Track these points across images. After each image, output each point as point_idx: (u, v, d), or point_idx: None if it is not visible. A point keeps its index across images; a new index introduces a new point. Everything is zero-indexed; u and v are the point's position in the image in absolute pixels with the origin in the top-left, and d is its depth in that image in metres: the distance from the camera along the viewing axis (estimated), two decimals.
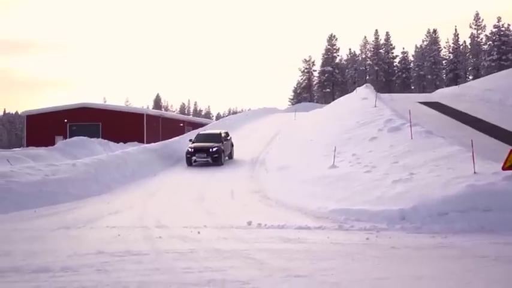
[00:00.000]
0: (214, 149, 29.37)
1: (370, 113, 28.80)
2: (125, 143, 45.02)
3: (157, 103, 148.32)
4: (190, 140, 31.49)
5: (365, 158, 19.88)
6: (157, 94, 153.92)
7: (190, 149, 29.76)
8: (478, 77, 70.17)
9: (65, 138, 48.20)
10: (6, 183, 18.10)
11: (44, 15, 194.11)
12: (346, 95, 49.28)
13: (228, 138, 31.98)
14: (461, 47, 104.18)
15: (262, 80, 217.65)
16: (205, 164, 28.96)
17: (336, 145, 22.28)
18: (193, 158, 29.26)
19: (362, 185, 16.11)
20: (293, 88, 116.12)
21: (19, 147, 55.99)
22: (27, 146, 52.01)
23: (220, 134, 31.41)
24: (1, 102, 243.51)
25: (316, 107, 59.59)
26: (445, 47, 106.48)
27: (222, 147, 29.88)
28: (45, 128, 57.48)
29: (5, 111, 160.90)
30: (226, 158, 30.64)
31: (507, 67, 58.46)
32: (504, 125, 25.31)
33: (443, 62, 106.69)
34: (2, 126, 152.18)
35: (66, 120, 58.14)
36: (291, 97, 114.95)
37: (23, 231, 12.75)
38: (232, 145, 32.36)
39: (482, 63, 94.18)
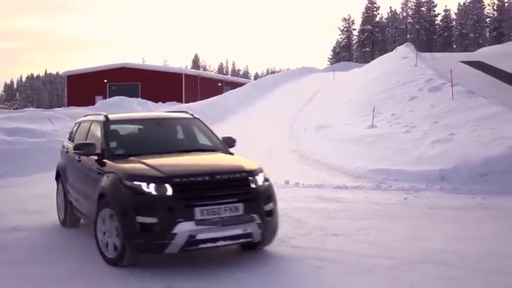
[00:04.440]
0: None
1: (410, 73, 28.35)
2: (163, 102, 45.23)
3: (195, 63, 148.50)
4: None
5: (404, 118, 19.65)
6: (196, 54, 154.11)
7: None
8: None
9: (105, 98, 48.59)
10: (49, 142, 18.43)
11: None
12: (386, 54, 48.48)
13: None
14: (506, 4, 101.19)
15: (301, 40, 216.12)
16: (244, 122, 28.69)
17: (375, 105, 22.04)
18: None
19: (401, 145, 15.96)
20: (332, 47, 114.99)
21: (60, 107, 56.83)
22: (68, 105, 52.75)
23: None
24: (42, 63, 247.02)
25: (355, 67, 58.82)
26: (489, 5, 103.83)
27: None
28: (85, 88, 58.16)
29: (46, 71, 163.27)
30: None
31: None
32: None
33: (487, 20, 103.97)
34: (43, 87, 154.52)
35: (105, 80, 58.71)
36: (330, 56, 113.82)
37: None
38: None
39: None
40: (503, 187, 11.65)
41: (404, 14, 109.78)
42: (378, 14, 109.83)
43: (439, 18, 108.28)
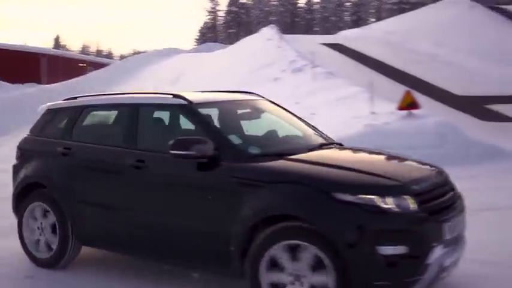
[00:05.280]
0: None
1: (274, 54, 28.82)
2: (22, 83, 43.01)
3: (57, 43, 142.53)
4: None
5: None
6: (57, 35, 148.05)
7: None
8: (380, 20, 71.67)
9: None
10: None
11: None
12: (251, 36, 48.99)
13: None
14: None
15: (168, 21, 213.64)
16: None
17: (239, 86, 22.14)
18: None
19: None
20: (199, 28, 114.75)
21: None
22: None
23: None
24: None
25: (221, 48, 58.91)
26: None
27: None
28: None
29: None
30: None
31: (407, 10, 59.97)
32: (402, 67, 26.05)
33: (347, 4, 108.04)
34: None
35: None
36: (197, 37, 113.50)
37: None
38: None
39: (383, 6, 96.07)
40: None
41: None
42: None
43: (302, 1, 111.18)
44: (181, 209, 5.45)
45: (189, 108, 5.81)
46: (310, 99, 17.93)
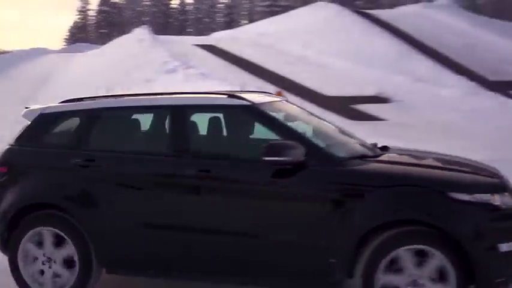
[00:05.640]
0: None
1: (147, 55, 28.47)
2: None
3: None
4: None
5: None
6: None
7: None
8: (252, 22, 72.77)
9: None
10: None
11: None
12: (123, 36, 48.07)
13: None
14: None
15: (33, 18, 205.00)
16: None
17: (111, 88, 21.71)
18: None
19: None
20: (69, 28, 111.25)
21: None
22: None
23: None
24: None
25: (93, 48, 57.45)
26: None
27: None
28: None
29: None
30: None
31: (279, 13, 61.38)
32: (274, 68, 26.62)
33: (220, 5, 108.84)
34: None
35: None
36: (66, 37, 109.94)
37: None
38: None
39: (255, 9, 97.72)
40: None
41: None
42: None
43: (175, 1, 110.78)
44: (266, 222, 4.98)
45: (255, 110, 5.32)
46: None
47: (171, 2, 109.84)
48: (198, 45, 36.78)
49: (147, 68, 25.00)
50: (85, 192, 5.40)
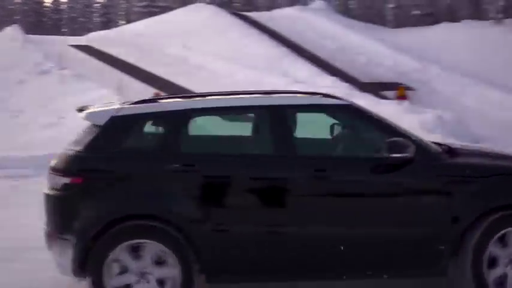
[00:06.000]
0: None
1: (18, 56, 27.42)
2: None
3: None
4: None
5: (12, 103, 19.04)
6: None
7: None
8: (130, 22, 71.89)
9: None
10: None
11: None
12: None
13: None
14: None
15: None
16: None
17: None
18: None
19: (8, 131, 15.44)
20: None
21: None
22: None
23: None
24: None
25: None
26: None
27: None
28: None
29: None
30: None
31: (157, 13, 60.95)
32: (151, 69, 26.51)
33: (96, 5, 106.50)
34: None
35: None
36: None
37: None
38: None
39: (133, 9, 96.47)
40: None
41: None
42: None
43: (49, 0, 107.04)
44: (383, 217, 5.12)
45: (356, 109, 5.47)
46: (58, 103, 17.50)
47: (44, 0, 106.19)
48: (73, 45, 35.82)
49: (19, 69, 24.10)
50: (189, 201, 4.95)
